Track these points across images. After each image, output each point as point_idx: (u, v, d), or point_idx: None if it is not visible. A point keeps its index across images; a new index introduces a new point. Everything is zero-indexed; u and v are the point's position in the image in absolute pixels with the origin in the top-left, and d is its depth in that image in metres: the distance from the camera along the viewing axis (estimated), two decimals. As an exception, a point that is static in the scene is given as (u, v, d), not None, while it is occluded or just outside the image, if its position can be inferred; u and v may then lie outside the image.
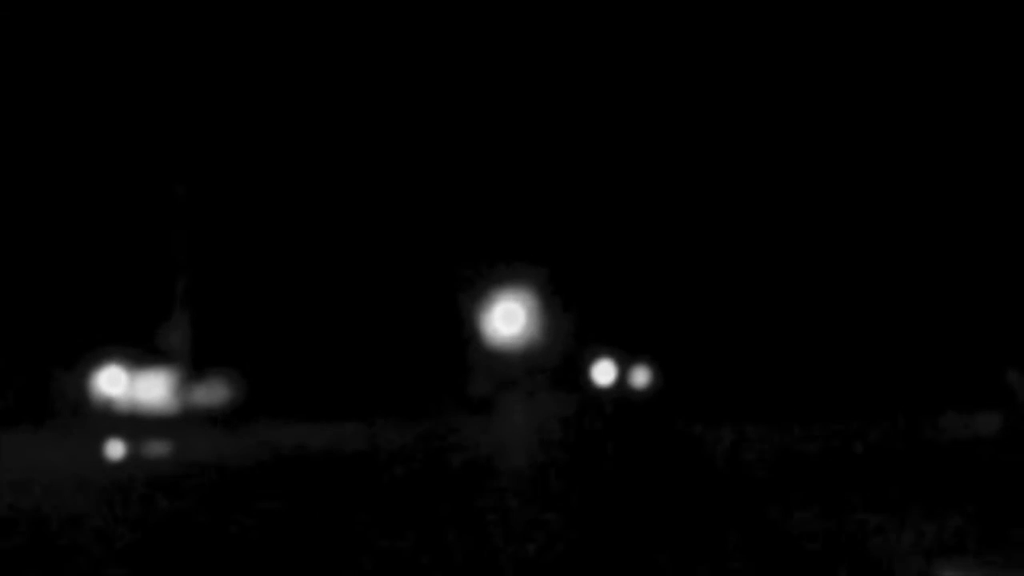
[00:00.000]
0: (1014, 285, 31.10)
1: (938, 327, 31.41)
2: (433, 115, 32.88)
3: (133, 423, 30.34)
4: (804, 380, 30.92)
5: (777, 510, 13.50)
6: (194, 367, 32.16)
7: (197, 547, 11.43)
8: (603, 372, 34.29)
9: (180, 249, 32.71)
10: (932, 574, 9.80)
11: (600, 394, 33.77)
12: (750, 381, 31.60)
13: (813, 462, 19.42)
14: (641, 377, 34.17)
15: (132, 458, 22.64)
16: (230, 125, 32.50)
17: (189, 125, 32.45)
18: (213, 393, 32.14)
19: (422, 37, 32.32)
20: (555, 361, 33.53)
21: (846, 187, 32.41)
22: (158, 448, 24.57)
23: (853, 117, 32.03)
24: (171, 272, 32.69)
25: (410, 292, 32.94)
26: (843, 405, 29.64)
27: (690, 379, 32.32)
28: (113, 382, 32.09)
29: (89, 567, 10.51)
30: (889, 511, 13.03)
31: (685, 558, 10.59)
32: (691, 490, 15.75)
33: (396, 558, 10.74)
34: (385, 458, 21.31)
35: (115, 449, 24.44)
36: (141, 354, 32.16)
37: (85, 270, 32.40)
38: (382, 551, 11.08)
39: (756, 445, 22.96)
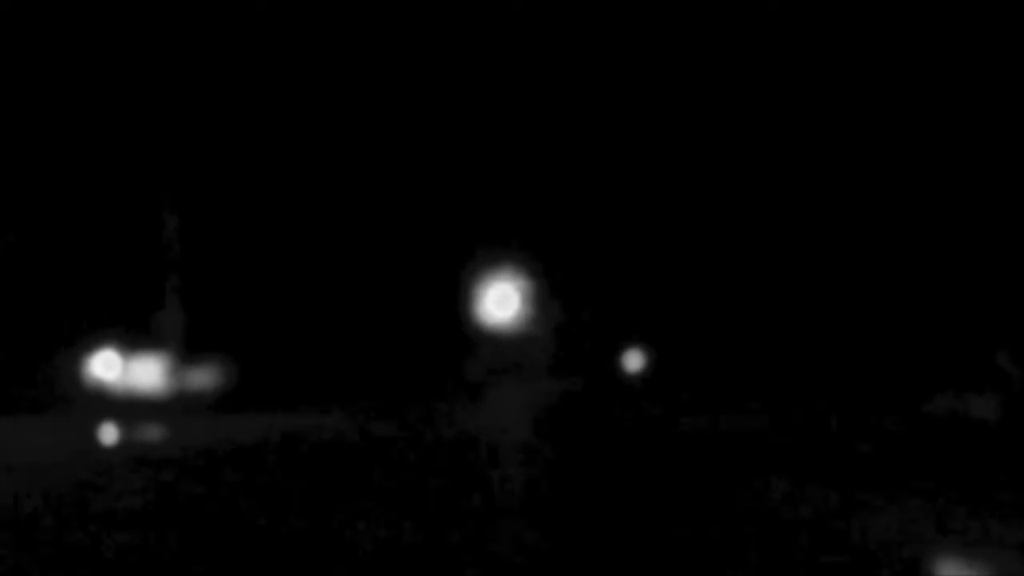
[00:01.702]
0: (1004, 267, 31.13)
1: (929, 309, 31.45)
2: (425, 100, 32.84)
3: (127, 407, 30.36)
4: (797, 362, 30.96)
5: (766, 496, 13.52)
6: (187, 352, 32.15)
7: (190, 532, 11.44)
8: (597, 357, 34.29)
9: (172, 231, 32.68)
10: (925, 560, 9.82)
11: (592, 379, 33.79)
12: (742, 365, 31.64)
13: (804, 445, 19.44)
14: (635, 362, 34.19)
15: (126, 443, 22.64)
16: (223, 108, 32.43)
17: (180, 112, 32.38)
18: (206, 378, 32.14)
19: (419, 28, 32.27)
20: (549, 346, 33.54)
21: (838, 171, 32.41)
22: (152, 433, 24.59)
23: (845, 101, 32.02)
24: (164, 255, 32.65)
25: (405, 277, 32.93)
26: (833, 388, 29.69)
27: (685, 364, 32.35)
28: (107, 367, 32.06)
29: (80, 551, 10.51)
30: (881, 496, 13.05)
31: (672, 546, 10.61)
32: (676, 475, 15.77)
33: (388, 543, 10.76)
34: (377, 444, 21.33)
35: (109, 433, 24.45)
36: (135, 339, 32.13)
37: (78, 255, 32.35)
38: (374, 536, 11.10)
39: (746, 429, 22.99)
